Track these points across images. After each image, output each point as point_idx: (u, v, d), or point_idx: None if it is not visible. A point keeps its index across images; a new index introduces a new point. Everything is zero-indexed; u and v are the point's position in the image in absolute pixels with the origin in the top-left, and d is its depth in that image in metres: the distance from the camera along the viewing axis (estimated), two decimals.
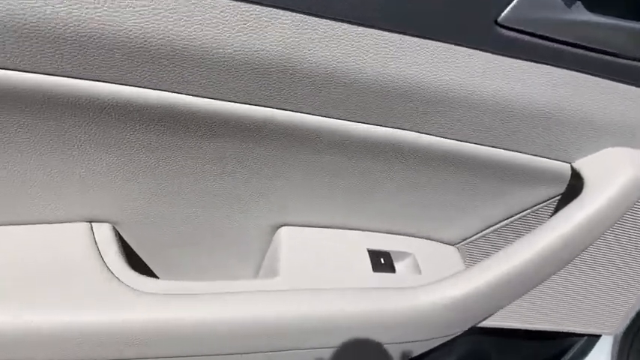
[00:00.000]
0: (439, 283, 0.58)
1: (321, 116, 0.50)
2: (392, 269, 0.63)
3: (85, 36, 0.39)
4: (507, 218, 0.66)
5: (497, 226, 0.68)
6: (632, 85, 0.53)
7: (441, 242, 0.70)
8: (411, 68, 0.47)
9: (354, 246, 0.64)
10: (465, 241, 0.70)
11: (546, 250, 0.55)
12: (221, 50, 0.42)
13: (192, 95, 0.46)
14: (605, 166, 0.56)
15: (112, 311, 0.48)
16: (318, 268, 0.60)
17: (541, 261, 0.56)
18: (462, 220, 0.66)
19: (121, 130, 0.48)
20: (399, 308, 0.56)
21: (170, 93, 0.45)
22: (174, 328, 0.49)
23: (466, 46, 0.47)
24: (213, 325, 0.50)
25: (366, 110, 0.49)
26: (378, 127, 0.52)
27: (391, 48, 0.46)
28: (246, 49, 0.43)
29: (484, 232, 0.69)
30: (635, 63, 0.52)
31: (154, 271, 0.64)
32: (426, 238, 0.69)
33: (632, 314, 0.82)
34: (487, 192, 0.62)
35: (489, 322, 0.77)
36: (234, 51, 0.43)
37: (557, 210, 0.64)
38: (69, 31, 0.39)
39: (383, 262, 0.63)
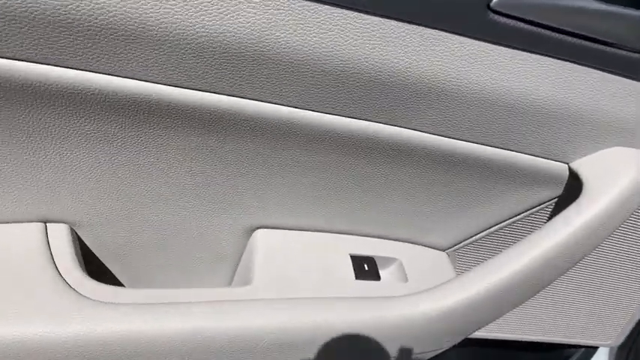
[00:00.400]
0: (430, 292, 0.53)
1: (298, 108, 0.45)
2: (376, 276, 0.58)
3: (24, 10, 0.35)
4: (501, 222, 0.62)
5: (490, 230, 0.63)
6: (634, 79, 0.49)
7: (429, 247, 0.66)
8: (396, 56, 0.43)
9: (335, 251, 0.59)
10: (455, 247, 0.66)
11: (542, 257, 0.51)
12: (182, 32, 0.38)
13: (153, 82, 0.41)
14: (605, 167, 0.52)
15: (58, 323, 0.43)
16: (296, 274, 0.55)
17: (537, 269, 0.52)
18: (451, 223, 0.62)
19: (76, 120, 0.43)
20: (386, 319, 0.51)
21: (129, 79, 0.41)
22: (131, 342, 0.45)
23: (456, 33, 0.43)
24: (176, 339, 0.46)
25: (346, 102, 0.45)
26: (360, 120, 0.47)
27: (374, 33, 0.41)
28: (212, 32, 0.38)
29: (476, 237, 0.64)
30: (637, 55, 0.48)
31: (118, 277, 0.59)
32: (413, 243, 0.65)
33: (632, 325, 0.78)
34: (478, 194, 0.58)
35: (483, 334, 0.72)
36: (197, 33, 0.38)
37: (553, 214, 0.60)
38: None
39: (367, 268, 0.58)
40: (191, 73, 0.41)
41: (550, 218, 0.60)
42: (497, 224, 0.62)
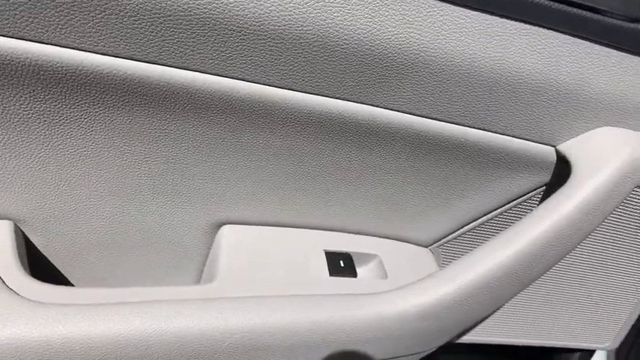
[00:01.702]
0: (407, 288, 0.49)
1: (258, 83, 0.41)
2: (353, 273, 0.54)
3: None
4: (487, 213, 0.58)
5: (476, 223, 0.59)
6: (627, 52, 0.46)
7: (411, 243, 0.61)
8: (362, 22, 0.39)
9: (309, 247, 0.54)
10: (439, 242, 0.62)
11: (530, 247, 0.47)
12: None
13: (93, 52, 0.37)
14: (594, 148, 0.48)
15: None
16: (264, 271, 0.50)
17: (524, 260, 0.47)
18: (435, 216, 0.58)
19: (10, 97, 0.39)
20: (360, 318, 0.47)
21: (68, 49, 0.37)
22: (73, 347, 0.39)
23: None
24: (122, 343, 0.40)
25: (307, 75, 0.41)
26: (330, 99, 0.43)
27: None
28: None
29: (461, 231, 0.60)
30: (629, 25, 0.44)
31: (70, 278, 0.54)
32: (394, 239, 0.60)
33: (629, 325, 0.74)
34: (462, 181, 0.54)
35: (473, 337, 0.68)
36: None
37: (542, 202, 0.56)
38: None
39: (343, 264, 0.54)
40: (128, 40, 0.37)
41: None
42: (483, 216, 0.58)
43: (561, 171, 0.51)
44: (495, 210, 0.58)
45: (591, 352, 0.82)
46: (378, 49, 0.40)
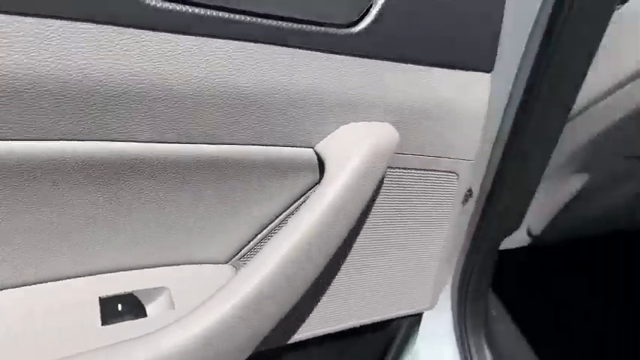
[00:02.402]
0: (186, 317, 0.47)
1: None
2: (141, 313, 0.51)
3: None
4: (274, 220, 0.59)
5: (268, 230, 0.60)
6: (346, 54, 0.49)
7: (210, 263, 0.60)
8: (78, 57, 0.36)
9: (79, 299, 0.50)
10: (238, 255, 0.61)
11: (296, 250, 0.48)
12: None
13: None
14: (342, 144, 0.51)
15: None
16: (26, 342, 0.45)
17: (296, 260, 0.49)
18: (226, 233, 0.57)
19: None
20: None
21: None
22: None
23: (118, 25, 0.38)
24: None
25: (28, 117, 0.37)
26: (70, 142, 0.40)
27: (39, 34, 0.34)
28: None
29: (257, 240, 0.60)
30: (342, 31, 0.47)
31: None
32: (190, 263, 0.58)
33: (441, 285, 0.82)
34: (243, 196, 0.54)
35: (296, 337, 0.69)
36: None
37: None
38: None
39: (121, 308, 0.50)
40: None
41: None
42: (270, 223, 0.59)
43: (322, 169, 0.54)
44: (282, 213, 0.59)
45: (419, 316, 0.90)
46: (108, 84, 0.38)
